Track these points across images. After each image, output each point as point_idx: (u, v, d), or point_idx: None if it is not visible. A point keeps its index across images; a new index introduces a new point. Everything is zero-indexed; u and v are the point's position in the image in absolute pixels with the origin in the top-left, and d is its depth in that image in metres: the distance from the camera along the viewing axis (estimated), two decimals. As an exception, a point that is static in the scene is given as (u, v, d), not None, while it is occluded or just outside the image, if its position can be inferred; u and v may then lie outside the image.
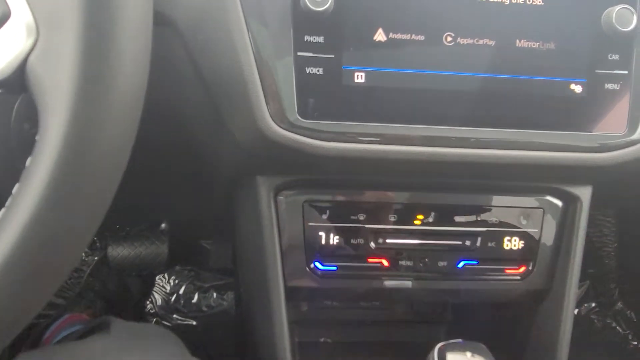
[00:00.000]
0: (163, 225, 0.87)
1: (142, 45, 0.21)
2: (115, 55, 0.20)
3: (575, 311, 0.93)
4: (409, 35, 0.39)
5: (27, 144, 0.40)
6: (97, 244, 0.82)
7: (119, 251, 0.84)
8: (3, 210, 0.21)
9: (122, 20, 0.20)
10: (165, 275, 1.00)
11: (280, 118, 0.38)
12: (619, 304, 0.95)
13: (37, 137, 0.21)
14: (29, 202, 0.19)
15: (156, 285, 0.98)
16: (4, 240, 0.19)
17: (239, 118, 0.39)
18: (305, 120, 0.38)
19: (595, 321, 0.96)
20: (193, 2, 0.38)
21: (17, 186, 0.21)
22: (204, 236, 0.95)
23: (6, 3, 0.20)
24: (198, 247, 0.96)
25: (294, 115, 0.38)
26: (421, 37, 0.39)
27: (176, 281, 0.99)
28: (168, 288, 0.99)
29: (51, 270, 0.21)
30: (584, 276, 0.97)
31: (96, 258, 0.85)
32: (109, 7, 0.20)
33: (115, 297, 0.92)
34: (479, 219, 0.48)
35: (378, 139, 0.39)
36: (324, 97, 0.39)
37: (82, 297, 0.86)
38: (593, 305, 0.97)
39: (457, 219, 0.48)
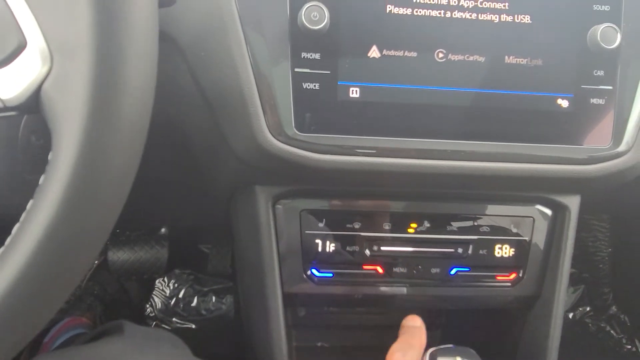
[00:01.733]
0: (163, 229, 0.88)
1: (149, 73, 0.23)
2: (124, 83, 0.21)
3: (570, 315, 0.94)
4: (402, 52, 0.41)
5: (34, 155, 0.41)
6: (98, 249, 0.82)
7: (119, 255, 0.85)
8: (17, 225, 0.22)
9: (131, 51, 0.21)
10: (165, 279, 1.00)
11: (278, 131, 0.39)
12: (613, 308, 0.96)
13: (49, 157, 0.22)
14: (43, 219, 0.21)
15: (156, 288, 0.99)
16: (20, 254, 0.21)
17: (238, 131, 0.40)
18: (302, 134, 0.40)
19: (590, 325, 0.97)
20: (194, 21, 0.40)
21: (31, 202, 0.22)
22: (203, 240, 0.96)
23: (22, 33, 0.21)
24: (197, 251, 0.97)
25: (291, 129, 0.40)
26: (414, 54, 0.41)
27: (175, 285, 0.99)
28: (167, 292, 0.99)
29: (62, 282, 0.22)
30: (578, 280, 0.98)
31: (96, 262, 0.86)
32: (119, 38, 0.21)
33: (114, 300, 0.93)
34: (470, 227, 0.49)
35: (373, 152, 0.41)
36: (320, 111, 0.40)
37: (82, 301, 0.87)
38: (587, 309, 0.99)
39: (450, 227, 0.49)
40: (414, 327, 0.45)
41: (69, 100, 0.21)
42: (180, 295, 0.99)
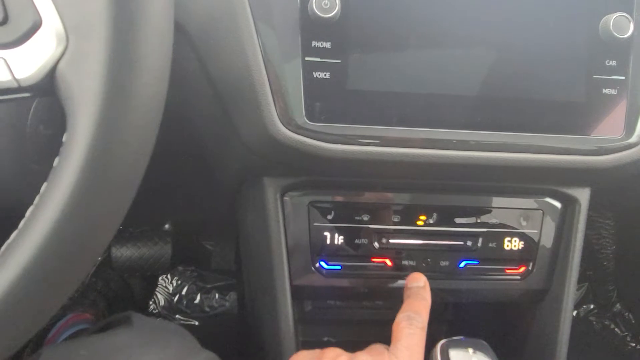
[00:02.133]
0: (167, 226, 0.88)
1: (164, 53, 0.22)
2: (139, 63, 0.21)
3: (574, 313, 0.94)
4: (413, 41, 0.41)
5: (42, 145, 0.41)
6: (101, 244, 0.82)
7: (122, 252, 0.85)
8: (31, 208, 0.22)
9: (146, 30, 0.21)
10: (168, 276, 1.00)
11: (288, 121, 0.39)
12: (618, 306, 0.96)
13: (64, 139, 0.22)
14: (59, 200, 0.20)
15: (159, 285, 0.99)
16: (36, 235, 0.20)
17: (248, 121, 0.40)
18: (312, 123, 0.40)
19: (594, 323, 0.97)
20: (204, 9, 0.40)
21: (44, 185, 0.22)
22: (206, 238, 0.96)
23: (38, 12, 0.21)
24: (200, 248, 0.97)
25: (301, 118, 0.39)
26: (425, 43, 0.41)
27: (179, 282, 0.99)
28: (171, 288, 0.99)
29: (76, 266, 0.22)
30: (582, 278, 0.98)
31: (99, 258, 0.86)
32: (134, 18, 0.21)
33: (118, 297, 0.92)
34: (479, 220, 0.49)
35: (381, 142, 0.40)
36: (330, 100, 0.40)
37: (85, 297, 0.87)
38: (592, 307, 0.98)
39: (459, 220, 0.49)
40: (418, 287, 0.44)
41: (84, 81, 0.21)
42: (184, 292, 0.98)
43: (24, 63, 0.21)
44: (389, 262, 0.48)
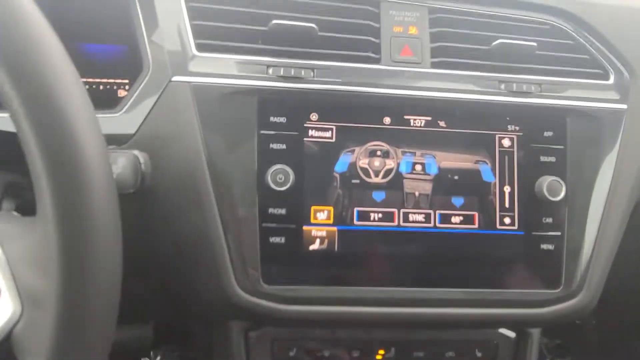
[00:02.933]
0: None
1: (112, 319, 0.25)
2: (88, 336, 0.24)
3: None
4: (363, 209, 0.44)
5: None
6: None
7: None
8: None
9: (95, 303, 0.24)
10: (150, 357, 1.00)
11: (246, 284, 0.42)
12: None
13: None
14: None
15: (141, 368, 0.99)
16: None
17: (207, 284, 0.43)
18: (269, 286, 0.42)
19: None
20: (170, 178, 0.43)
21: None
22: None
23: (-1, 282, 0.24)
24: (184, 328, 0.97)
25: (258, 282, 0.42)
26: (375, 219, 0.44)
27: (161, 365, 0.99)
28: (153, 372, 0.99)
29: None
30: (565, 352, 0.99)
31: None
32: (83, 294, 0.24)
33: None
34: (437, 353, 0.51)
35: (335, 301, 0.43)
36: (286, 264, 0.43)
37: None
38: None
39: (416, 353, 0.51)
40: None
41: (37, 346, 0.23)
42: (166, 376, 0.98)
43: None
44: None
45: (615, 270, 0.47)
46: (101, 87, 0.52)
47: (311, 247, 0.43)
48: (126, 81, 0.54)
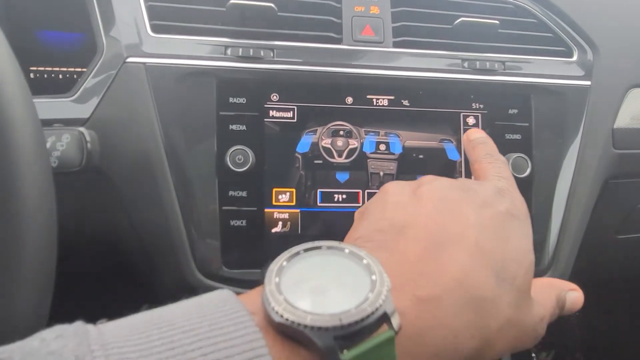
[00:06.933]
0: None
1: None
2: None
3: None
4: (321, 189, 0.43)
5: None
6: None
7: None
8: None
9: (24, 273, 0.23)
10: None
11: (206, 269, 0.41)
12: (585, 372, 0.96)
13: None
14: None
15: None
16: None
17: (167, 268, 0.41)
18: (229, 270, 0.41)
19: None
20: (126, 161, 0.42)
21: None
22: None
23: None
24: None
25: (219, 266, 0.41)
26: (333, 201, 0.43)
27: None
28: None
29: None
30: (549, 345, 0.98)
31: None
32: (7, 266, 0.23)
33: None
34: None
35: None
36: (247, 247, 0.42)
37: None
38: (560, 373, 0.98)
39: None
40: (481, 137, 0.36)
41: None
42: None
43: None
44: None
45: (585, 249, 0.47)
46: (60, 75, 0.51)
47: (273, 230, 0.42)
48: (85, 70, 0.52)
